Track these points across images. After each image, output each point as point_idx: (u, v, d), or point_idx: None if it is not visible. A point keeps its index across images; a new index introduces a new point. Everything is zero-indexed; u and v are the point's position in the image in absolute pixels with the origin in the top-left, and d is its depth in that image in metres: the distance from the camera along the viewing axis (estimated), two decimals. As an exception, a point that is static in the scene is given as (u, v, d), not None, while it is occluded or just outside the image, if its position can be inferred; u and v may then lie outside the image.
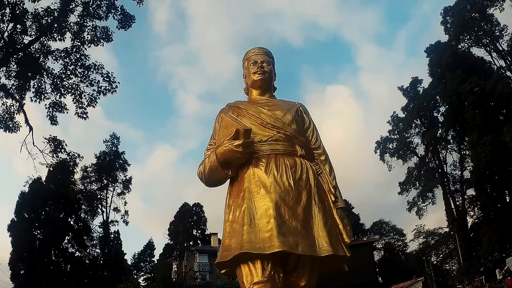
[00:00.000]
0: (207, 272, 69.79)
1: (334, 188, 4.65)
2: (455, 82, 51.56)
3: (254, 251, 3.93)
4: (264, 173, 4.30)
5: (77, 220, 65.02)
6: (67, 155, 37.20)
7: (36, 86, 31.34)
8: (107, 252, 66.63)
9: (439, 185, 62.60)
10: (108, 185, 68.50)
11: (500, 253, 48.00)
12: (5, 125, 30.61)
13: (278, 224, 4.01)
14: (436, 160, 64.46)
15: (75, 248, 64.15)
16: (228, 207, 4.47)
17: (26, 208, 58.82)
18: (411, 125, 64.76)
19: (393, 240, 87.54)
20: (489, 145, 47.01)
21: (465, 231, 60.78)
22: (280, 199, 4.17)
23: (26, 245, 55.99)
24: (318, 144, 4.96)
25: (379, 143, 67.43)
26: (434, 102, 63.07)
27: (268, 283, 4.01)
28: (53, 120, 31.90)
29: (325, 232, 4.21)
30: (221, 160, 4.36)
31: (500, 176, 49.94)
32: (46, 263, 58.78)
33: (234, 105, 4.98)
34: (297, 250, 3.98)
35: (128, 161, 70.64)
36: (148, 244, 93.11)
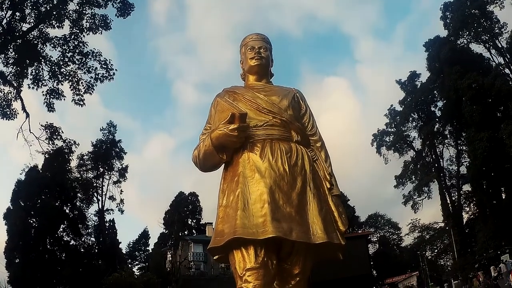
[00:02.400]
0: (202, 261, 69.96)
1: (329, 175, 4.60)
2: (453, 77, 51.63)
3: (247, 236, 3.88)
4: (259, 158, 4.25)
5: (72, 208, 64.89)
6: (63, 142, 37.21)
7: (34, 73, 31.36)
8: (102, 240, 66.55)
9: (435, 180, 62.79)
10: (104, 173, 68.37)
11: (495, 250, 48.20)
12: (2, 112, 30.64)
13: (272, 209, 3.96)
14: (432, 155, 64.62)
15: (70, 236, 63.97)
16: (222, 192, 4.41)
17: (22, 196, 58.54)
18: (408, 119, 64.95)
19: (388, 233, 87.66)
20: (486, 141, 47.10)
21: (460, 226, 60.99)
22: (274, 184, 4.12)
23: (22, 233, 55.70)
24: (314, 130, 4.92)
25: (376, 136, 67.65)
26: (431, 96, 63.21)
27: (261, 270, 3.96)
28: (50, 107, 31.95)
29: (319, 219, 4.16)
30: (216, 144, 4.30)
31: (496, 172, 50.06)
32: (41, 252, 58.59)
33: (230, 90, 4.93)
34: (291, 236, 3.93)
35: (125, 150, 70.53)
36: (143, 233, 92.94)
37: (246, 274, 3.98)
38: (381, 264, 69.69)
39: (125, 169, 69.15)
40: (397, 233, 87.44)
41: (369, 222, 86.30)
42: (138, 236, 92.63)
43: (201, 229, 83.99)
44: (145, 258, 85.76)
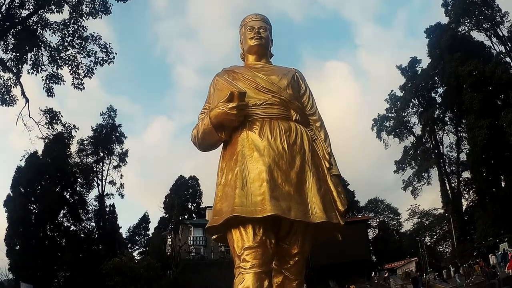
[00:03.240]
0: (202, 245, 70.14)
1: (328, 154, 4.60)
2: (454, 64, 51.51)
3: (246, 214, 3.87)
4: (258, 137, 4.23)
5: (72, 194, 64.94)
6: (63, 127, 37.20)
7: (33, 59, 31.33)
8: (102, 225, 66.68)
9: (435, 166, 62.87)
10: (104, 158, 68.39)
11: (494, 238, 48.29)
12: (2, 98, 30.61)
13: (271, 187, 3.95)
14: (432, 141, 64.64)
15: (70, 222, 64.10)
16: (221, 171, 4.40)
17: (22, 182, 58.61)
18: (409, 104, 64.90)
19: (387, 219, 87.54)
20: (486, 128, 47.10)
21: (459, 213, 61.15)
22: (273, 163, 4.11)
23: (22, 220, 55.85)
24: (313, 110, 4.90)
25: (376, 121, 67.67)
26: (432, 82, 63.11)
27: (259, 249, 3.95)
28: (50, 92, 31.97)
29: (318, 198, 4.15)
30: (214, 122, 4.28)
31: (496, 160, 50.10)
32: (42, 238, 58.71)
33: (230, 69, 4.90)
34: (289, 215, 3.93)
35: (125, 134, 70.63)
36: (143, 218, 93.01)
37: (245, 253, 3.97)
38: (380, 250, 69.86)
39: (125, 154, 69.27)
40: (396, 219, 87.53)
41: (368, 207, 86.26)
42: (138, 221, 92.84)
43: (201, 213, 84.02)
44: (145, 243, 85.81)
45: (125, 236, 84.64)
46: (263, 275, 3.95)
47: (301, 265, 4.46)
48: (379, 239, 75.14)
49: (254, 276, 3.90)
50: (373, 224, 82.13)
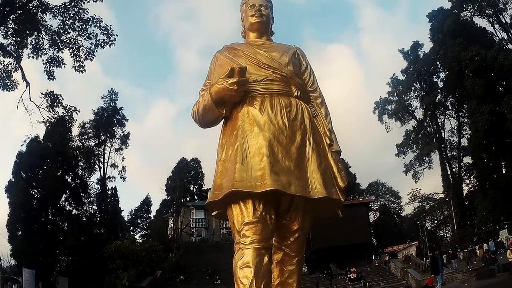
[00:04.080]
0: (203, 228, 70.51)
1: (329, 131, 4.61)
2: (456, 49, 51.33)
3: (246, 189, 3.89)
4: (259, 112, 4.24)
5: (74, 178, 64.92)
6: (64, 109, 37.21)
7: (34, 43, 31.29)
8: (104, 209, 66.80)
9: (436, 150, 62.87)
10: (106, 141, 68.32)
11: (494, 224, 48.37)
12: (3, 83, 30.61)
13: (271, 162, 3.97)
14: (434, 125, 64.58)
15: (72, 206, 64.08)
16: (221, 147, 4.42)
17: (24, 167, 58.40)
18: (411, 88, 64.76)
19: (388, 202, 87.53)
20: (487, 114, 47.11)
21: (460, 198, 61.20)
22: (273, 138, 4.12)
23: (24, 205, 55.63)
24: (314, 87, 4.90)
25: (378, 104, 67.64)
26: (434, 67, 62.96)
27: (259, 224, 3.98)
28: (50, 75, 31.99)
29: (319, 174, 4.17)
30: (215, 98, 4.29)
31: (497, 147, 50.08)
32: (43, 222, 58.62)
33: (230, 46, 4.91)
34: (289, 190, 3.94)
35: (126, 117, 70.54)
36: (145, 200, 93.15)
37: (244, 229, 4.00)
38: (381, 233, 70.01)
39: (127, 136, 69.25)
40: (397, 202, 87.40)
41: (370, 190, 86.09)
42: (140, 203, 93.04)
43: (203, 195, 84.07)
44: (147, 225, 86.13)
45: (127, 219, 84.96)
46: (263, 250, 3.98)
47: (301, 241, 4.50)
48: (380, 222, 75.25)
49: (254, 251, 3.93)
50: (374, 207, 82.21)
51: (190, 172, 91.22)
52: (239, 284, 3.95)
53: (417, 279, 36.68)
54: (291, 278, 4.52)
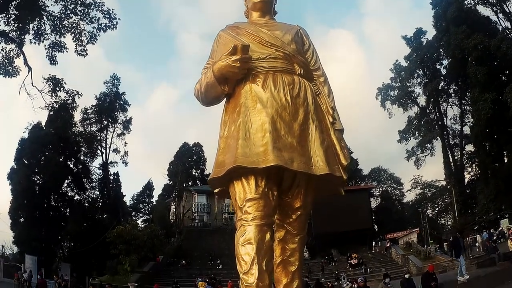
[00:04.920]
0: (205, 212, 70.58)
1: (332, 109, 4.61)
2: (459, 36, 51.24)
3: (248, 165, 3.89)
4: (261, 89, 4.24)
5: (76, 163, 65.11)
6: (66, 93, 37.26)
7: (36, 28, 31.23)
8: (106, 194, 66.99)
9: (438, 138, 62.85)
10: (108, 126, 68.44)
11: (495, 213, 48.48)
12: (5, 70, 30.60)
13: (274, 138, 3.98)
14: (436, 112, 64.60)
15: (75, 191, 64.43)
16: (224, 124, 4.44)
17: (26, 154, 58.76)
18: (413, 74, 64.66)
19: (390, 188, 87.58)
20: (490, 102, 47.09)
21: (462, 186, 61.34)
22: (276, 114, 4.12)
23: (26, 191, 56.00)
24: (317, 66, 4.89)
25: (381, 90, 67.57)
26: (437, 54, 62.85)
27: (261, 200, 3.99)
28: (53, 60, 31.97)
29: (321, 151, 4.17)
30: (218, 76, 4.29)
31: (499, 135, 50.13)
32: (46, 209, 58.92)
33: (233, 25, 4.90)
34: (292, 166, 3.95)
35: (129, 102, 70.55)
36: (147, 185, 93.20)
37: (246, 205, 4.02)
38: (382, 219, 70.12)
39: (129, 121, 69.29)
40: (399, 189, 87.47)
41: (371, 176, 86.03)
42: (142, 188, 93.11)
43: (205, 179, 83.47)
44: (149, 210, 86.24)
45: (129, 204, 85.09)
46: (265, 227, 3.99)
47: (303, 219, 4.51)
48: (381, 208, 75.30)
49: (256, 228, 3.95)
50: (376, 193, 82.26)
51: (192, 157, 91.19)
52: (240, 261, 3.97)
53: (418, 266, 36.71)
54: (293, 257, 4.52)
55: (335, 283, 30.06)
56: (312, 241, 51.94)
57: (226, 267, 46.12)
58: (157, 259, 45.46)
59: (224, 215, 69.52)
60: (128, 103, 70.12)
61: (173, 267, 47.89)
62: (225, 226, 62.35)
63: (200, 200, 71.09)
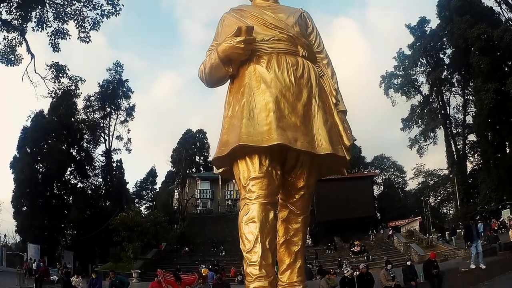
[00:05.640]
0: (209, 199, 70.78)
1: (335, 90, 4.68)
2: (463, 26, 51.18)
3: (252, 143, 3.95)
4: (265, 69, 4.30)
5: (79, 151, 64.97)
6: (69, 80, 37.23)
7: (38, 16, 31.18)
8: (109, 181, 67.01)
9: (441, 126, 62.87)
10: (111, 113, 68.29)
11: (496, 203, 48.51)
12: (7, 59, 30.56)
13: (278, 118, 4.03)
14: (439, 101, 64.49)
15: (78, 179, 64.31)
16: (228, 104, 4.49)
17: (28, 142, 58.58)
18: (417, 63, 64.57)
19: (393, 176, 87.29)
20: (493, 92, 47.05)
21: (464, 175, 61.36)
22: (280, 94, 4.18)
23: (29, 180, 55.85)
24: (321, 48, 4.97)
25: (384, 78, 67.42)
26: (440, 43, 62.70)
27: (265, 179, 4.05)
28: (55, 47, 31.90)
29: (325, 131, 4.24)
30: (222, 57, 4.35)
31: (502, 126, 50.11)
32: (49, 197, 58.77)
33: (237, 8, 4.97)
34: (295, 145, 4.01)
35: (132, 89, 70.44)
36: (150, 172, 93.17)
37: (250, 184, 4.09)
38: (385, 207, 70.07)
39: (132, 108, 69.12)
40: (402, 177, 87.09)
41: (374, 164, 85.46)
42: (145, 175, 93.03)
43: (209, 166, 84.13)
44: (152, 197, 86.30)
45: (132, 191, 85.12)
46: (268, 206, 4.06)
47: (306, 199, 4.58)
48: (384, 196, 75.11)
49: (260, 206, 4.02)
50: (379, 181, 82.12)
51: (195, 144, 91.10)
52: (244, 240, 4.04)
53: (420, 254, 36.79)
54: (296, 237, 4.61)
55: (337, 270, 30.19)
56: (315, 228, 52.04)
57: (229, 253, 46.25)
58: (160, 246, 45.58)
59: (228, 201, 69.76)
60: (131, 90, 70.02)
61: (176, 254, 48.01)
62: (228, 213, 62.45)
63: (204, 186, 71.36)
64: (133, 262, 40.08)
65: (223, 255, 46.93)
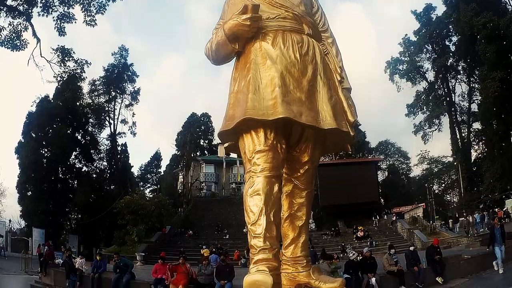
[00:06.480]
0: (213, 182, 70.90)
1: (340, 68, 4.75)
2: (469, 14, 51.14)
3: (258, 117, 4.01)
4: (271, 46, 4.35)
5: (84, 135, 65.12)
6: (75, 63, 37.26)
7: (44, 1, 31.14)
8: (114, 165, 67.24)
9: (446, 113, 62.85)
10: (116, 97, 68.54)
11: (500, 193, 48.51)
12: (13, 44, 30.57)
13: (283, 93, 4.08)
14: (445, 88, 64.43)
15: (83, 163, 64.65)
16: (234, 80, 4.55)
17: (34, 127, 58.89)
18: (422, 50, 64.50)
19: (397, 162, 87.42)
20: (498, 81, 47.08)
21: (468, 163, 61.44)
22: (285, 70, 4.23)
23: (34, 164, 56.25)
24: (326, 27, 5.03)
25: (389, 63, 67.32)
26: (446, 30, 62.58)
27: (270, 152, 4.12)
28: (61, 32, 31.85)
29: (329, 107, 4.29)
30: (228, 34, 4.41)
31: (507, 114, 50.11)
32: (53, 181, 59.20)
33: None
34: (300, 119, 4.06)
35: (137, 73, 70.64)
36: (155, 155, 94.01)
37: (255, 157, 4.16)
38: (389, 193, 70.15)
39: (137, 92, 69.50)
40: (406, 163, 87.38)
41: (379, 149, 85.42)
42: (150, 159, 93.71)
43: (213, 149, 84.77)
44: (157, 181, 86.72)
45: (137, 174, 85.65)
46: (273, 179, 4.12)
47: (310, 174, 4.64)
48: (388, 182, 75.21)
49: (265, 179, 4.08)
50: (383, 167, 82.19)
51: (200, 127, 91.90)
52: (248, 212, 4.10)
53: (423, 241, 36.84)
54: (300, 211, 4.69)
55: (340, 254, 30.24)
56: (318, 213, 52.11)
57: (233, 237, 46.36)
58: (164, 229, 45.70)
59: (232, 185, 69.91)
60: (136, 74, 70.39)
61: (180, 237, 48.10)
62: (233, 196, 62.49)
63: (208, 170, 71.49)
64: (137, 245, 40.19)
65: (227, 239, 47.00)
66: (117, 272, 18.93)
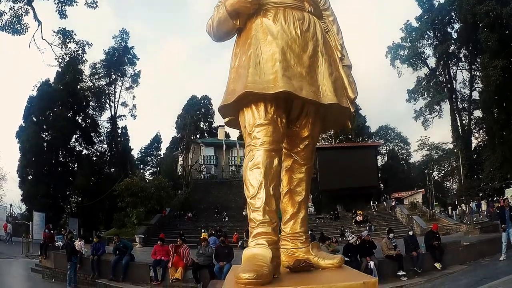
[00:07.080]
0: (213, 165, 71.15)
1: (341, 46, 4.74)
2: (472, 1, 51.23)
3: (258, 90, 3.98)
4: (272, 22, 4.34)
5: (85, 118, 65.47)
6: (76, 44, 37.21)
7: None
8: (114, 147, 67.47)
9: (447, 100, 62.83)
10: (117, 80, 68.76)
11: (500, 181, 48.65)
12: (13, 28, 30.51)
13: (284, 67, 4.07)
14: (446, 75, 64.38)
15: (83, 146, 65.11)
16: (235, 56, 4.54)
17: (34, 111, 59.19)
18: (424, 36, 64.35)
19: (397, 147, 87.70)
20: (500, 69, 47.18)
21: (468, 151, 61.59)
22: (286, 46, 4.22)
23: (34, 148, 56.64)
24: (327, 6, 5.00)
25: (391, 49, 67.32)
26: (448, 17, 62.31)
27: (270, 126, 4.10)
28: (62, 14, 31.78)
29: (330, 82, 4.28)
30: (230, 10, 4.39)
31: (508, 103, 50.17)
32: (54, 164, 59.68)
33: None
34: (301, 93, 4.04)
35: (137, 56, 70.88)
36: (155, 138, 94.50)
37: (255, 131, 4.14)
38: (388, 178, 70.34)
39: (138, 75, 69.63)
40: (406, 148, 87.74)
41: (379, 134, 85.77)
42: (150, 141, 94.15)
43: (213, 132, 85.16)
44: (156, 163, 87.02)
45: (137, 157, 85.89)
46: (273, 152, 4.10)
47: (310, 149, 4.65)
48: (388, 167, 75.48)
49: (264, 153, 4.06)
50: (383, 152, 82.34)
51: (200, 110, 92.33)
52: (248, 186, 4.04)
53: (422, 227, 37.02)
54: (299, 187, 4.69)
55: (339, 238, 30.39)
56: (317, 196, 52.30)
57: (232, 219, 46.63)
58: (163, 212, 45.86)
59: (231, 167, 70.11)
60: (137, 57, 70.63)
61: (179, 220, 48.32)
62: (232, 179, 62.82)
63: (208, 152, 71.70)
64: (137, 227, 40.42)
65: (226, 221, 47.20)
66: (116, 254, 19.05)
